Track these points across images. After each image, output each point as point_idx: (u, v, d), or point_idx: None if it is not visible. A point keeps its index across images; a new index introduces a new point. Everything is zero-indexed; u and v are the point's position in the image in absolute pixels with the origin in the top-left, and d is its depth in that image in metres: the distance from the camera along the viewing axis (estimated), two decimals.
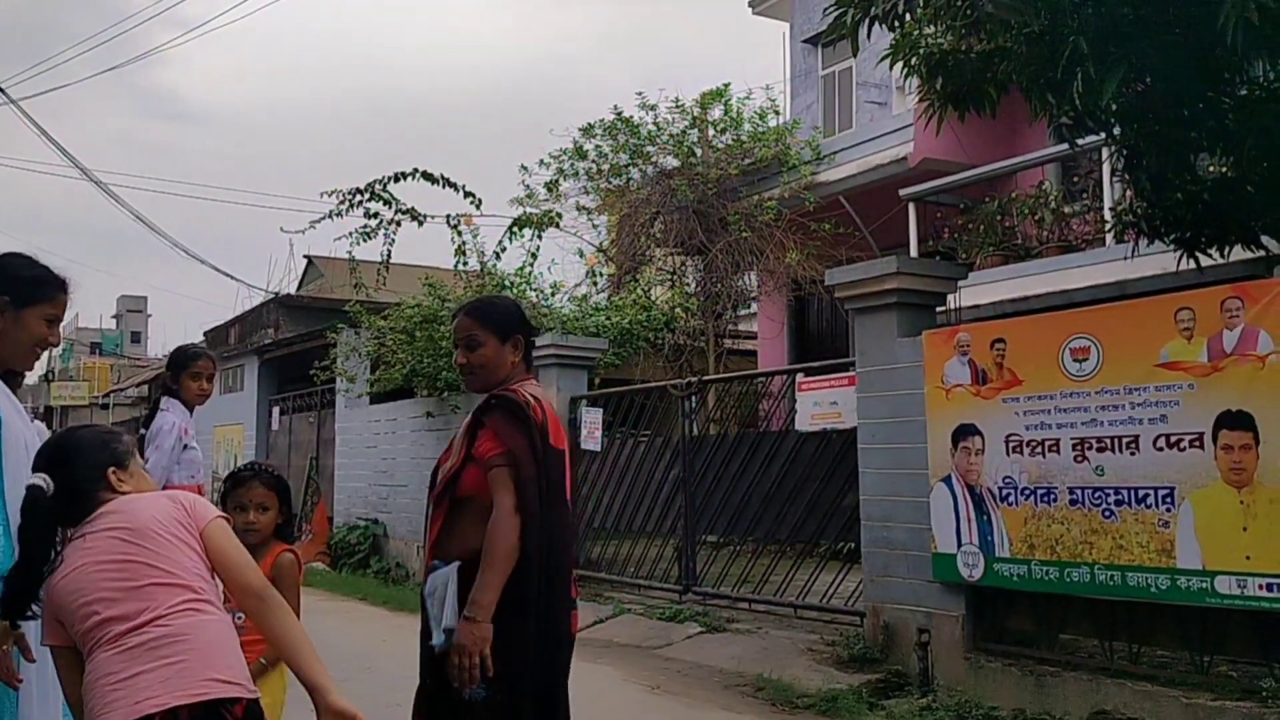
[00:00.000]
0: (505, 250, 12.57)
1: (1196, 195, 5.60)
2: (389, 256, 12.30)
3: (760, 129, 13.87)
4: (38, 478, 2.37)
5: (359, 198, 12.08)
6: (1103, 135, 5.71)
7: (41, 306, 2.76)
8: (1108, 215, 9.04)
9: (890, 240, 12.39)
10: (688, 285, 14.26)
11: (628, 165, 14.22)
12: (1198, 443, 4.88)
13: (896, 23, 5.26)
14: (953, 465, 5.92)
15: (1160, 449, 5.01)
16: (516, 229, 12.62)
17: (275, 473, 3.66)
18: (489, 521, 2.95)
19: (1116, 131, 5.60)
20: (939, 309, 6.78)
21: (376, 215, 12.18)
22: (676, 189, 13.31)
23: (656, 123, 14.00)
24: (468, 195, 12.14)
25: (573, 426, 9.89)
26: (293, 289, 21.90)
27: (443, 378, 11.42)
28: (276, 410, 18.11)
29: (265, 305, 19.05)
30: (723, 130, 14.01)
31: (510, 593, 2.93)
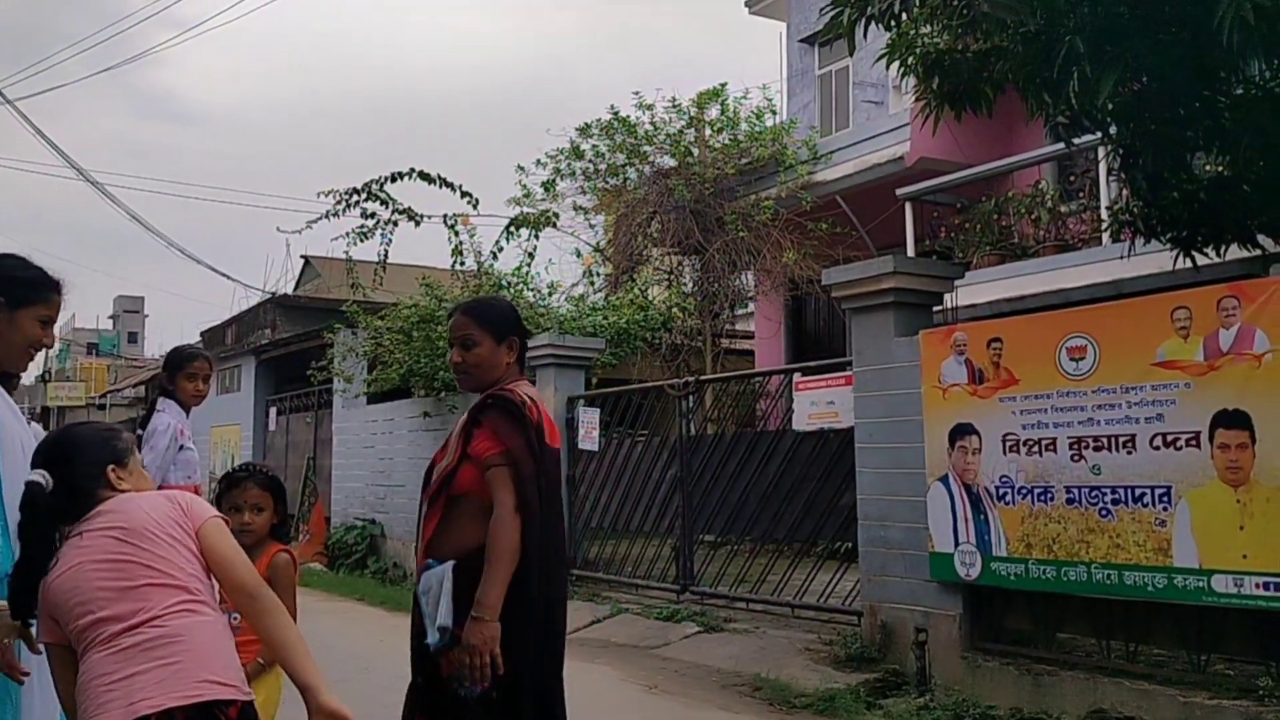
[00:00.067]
0: (502, 250, 12.60)
1: (1193, 194, 5.60)
2: (386, 256, 12.31)
3: (757, 129, 13.87)
4: (37, 474, 2.36)
5: (356, 198, 12.08)
6: (1099, 134, 5.71)
7: (35, 308, 2.76)
8: (1104, 214, 9.06)
9: (887, 240, 12.40)
10: (685, 285, 14.26)
11: (624, 165, 14.22)
12: (1194, 442, 4.88)
13: (893, 22, 5.27)
14: (950, 464, 5.92)
15: (1157, 448, 5.02)
16: (513, 229, 12.63)
17: (270, 473, 3.66)
18: (491, 520, 2.96)
19: (1113, 131, 5.60)
20: (936, 308, 6.78)
21: (373, 215, 12.21)
22: (673, 189, 13.31)
23: (653, 122, 14.00)
24: (464, 195, 12.15)
25: (570, 426, 9.89)
26: (290, 289, 21.90)
27: (440, 378, 11.42)
28: (273, 411, 18.10)
29: (262, 305, 19.04)
30: (719, 130, 14.00)
31: (511, 591, 2.94)
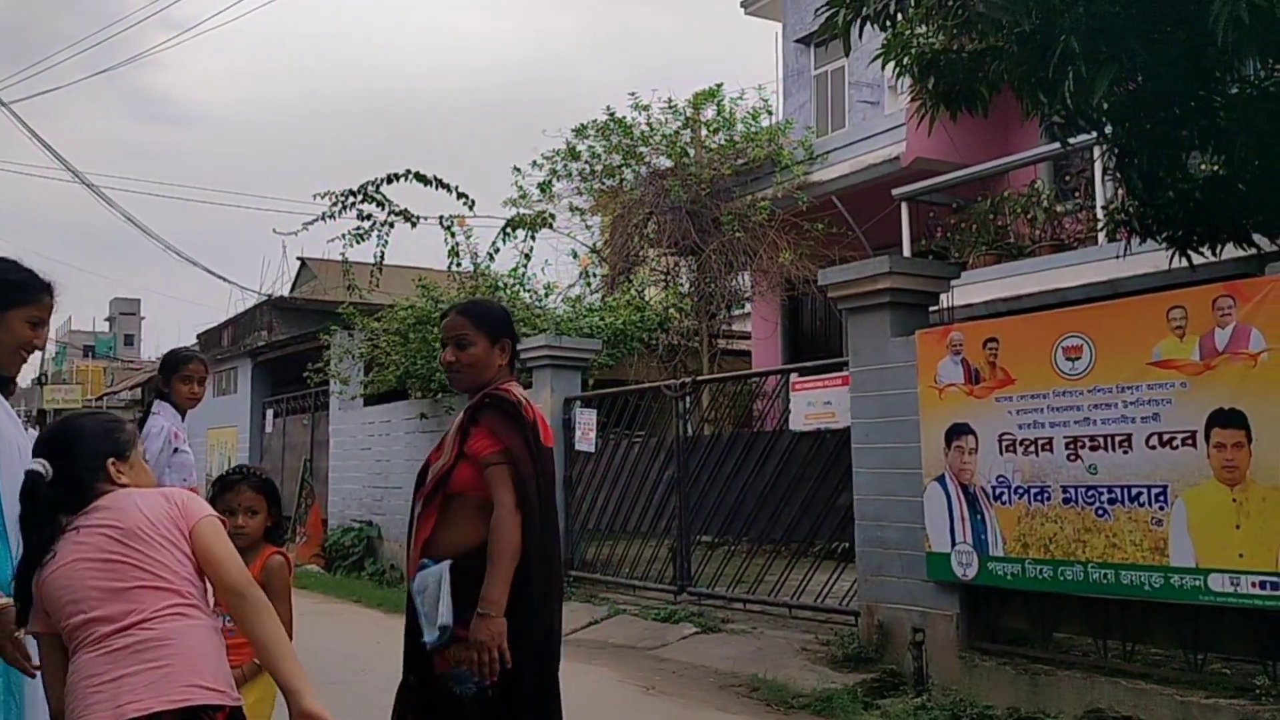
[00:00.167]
0: (499, 251, 12.60)
1: (1188, 194, 5.60)
2: (382, 258, 12.30)
3: (753, 129, 13.87)
4: (37, 463, 2.36)
5: (352, 199, 12.08)
6: (1094, 134, 5.72)
7: (25, 309, 2.75)
8: (1100, 214, 9.07)
9: (883, 240, 12.40)
10: (681, 286, 14.26)
11: (621, 166, 14.22)
12: (1190, 441, 4.89)
13: (888, 22, 5.27)
14: (946, 464, 5.92)
15: (1153, 447, 5.02)
16: (510, 230, 12.63)
17: (263, 476, 3.65)
18: (493, 518, 2.97)
19: (1108, 130, 5.60)
20: (932, 308, 6.78)
21: (370, 217, 12.20)
22: (670, 189, 13.31)
23: (649, 123, 14.00)
24: (461, 196, 12.15)
25: (567, 427, 9.89)
26: (286, 291, 21.86)
27: (436, 379, 11.41)
28: (270, 412, 18.09)
29: (258, 307, 19.03)
30: (715, 131, 14.00)
31: (511, 590, 2.96)
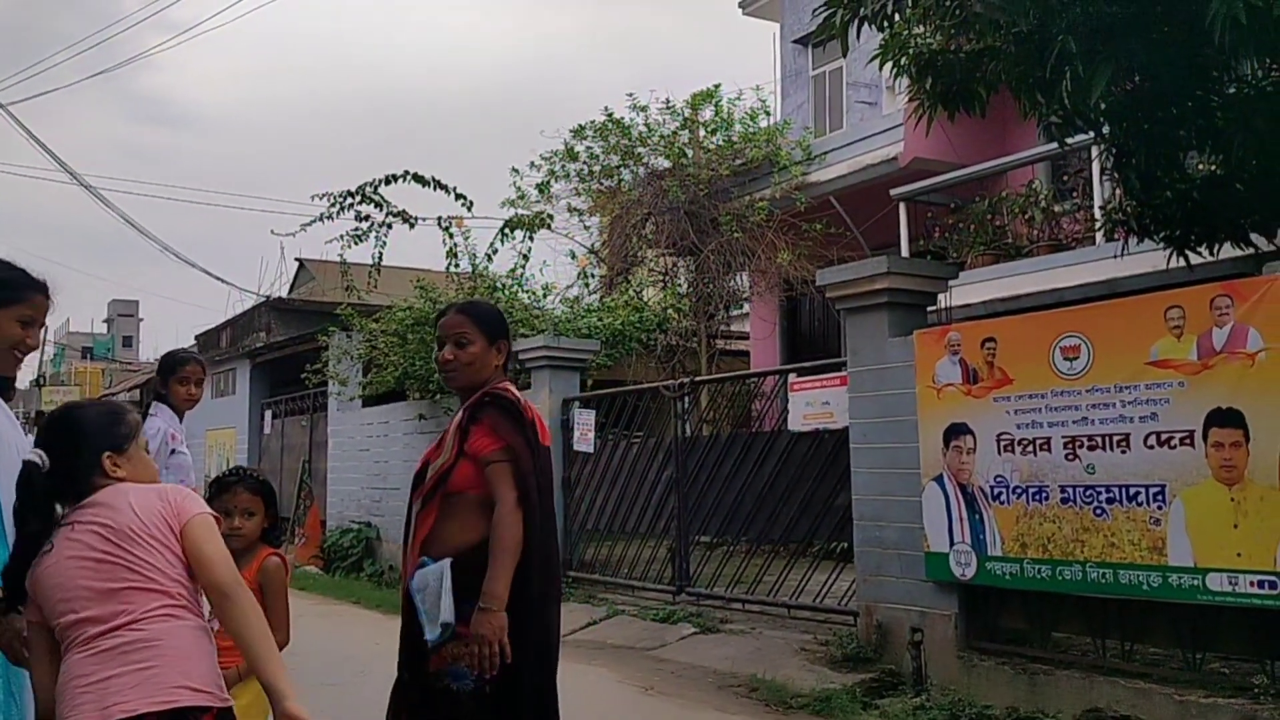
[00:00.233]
0: (497, 252, 12.59)
1: (1186, 193, 5.60)
2: (380, 259, 12.30)
3: (751, 130, 13.86)
4: (34, 453, 2.37)
5: (350, 200, 12.07)
6: (1092, 134, 5.71)
7: (16, 308, 2.74)
8: (1097, 214, 9.07)
9: (881, 240, 12.41)
10: (679, 286, 14.26)
11: (619, 166, 14.21)
12: (1188, 440, 4.89)
13: (886, 23, 5.26)
14: (944, 464, 5.92)
15: (1151, 447, 5.02)
16: (508, 231, 12.63)
17: (260, 478, 3.65)
18: (495, 515, 2.99)
19: (1105, 130, 5.60)
20: (930, 308, 6.78)
21: (368, 218, 12.19)
22: (668, 190, 13.31)
23: (647, 124, 13.99)
24: (459, 197, 12.15)
25: (565, 428, 9.89)
26: (284, 292, 21.85)
27: (435, 380, 11.40)
28: (268, 414, 18.08)
29: (257, 308, 19.01)
30: (713, 131, 14.00)
31: (511, 587, 2.97)
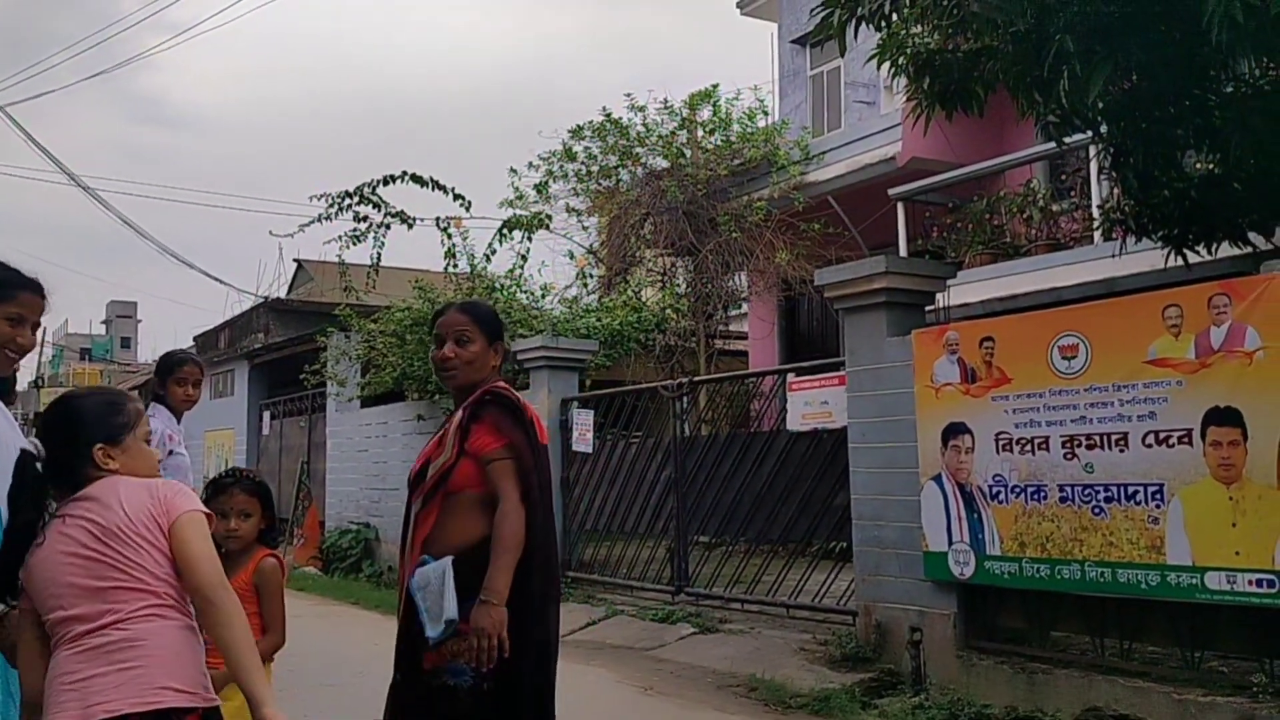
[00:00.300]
0: (495, 252, 12.60)
1: (1183, 192, 5.61)
2: (378, 260, 12.31)
3: (749, 129, 13.87)
4: (30, 442, 2.37)
5: (348, 201, 12.08)
6: (1089, 133, 5.72)
7: (3, 306, 2.71)
8: (1095, 213, 9.07)
9: (879, 240, 12.41)
10: (678, 286, 14.26)
11: (617, 167, 14.22)
12: (1186, 439, 4.89)
13: (883, 22, 5.27)
14: (943, 464, 5.93)
15: (1149, 446, 5.03)
16: (506, 231, 12.63)
17: (257, 479, 3.65)
18: (498, 511, 3.00)
19: (1103, 129, 5.61)
20: (928, 308, 6.78)
21: (366, 219, 12.20)
22: (666, 190, 13.31)
23: (645, 124, 14.00)
24: (457, 198, 12.16)
25: (564, 428, 9.89)
26: (282, 293, 21.89)
27: (433, 381, 11.40)
28: (267, 415, 18.08)
29: (255, 309, 19.03)
30: (712, 131, 14.00)
31: (512, 585, 2.98)
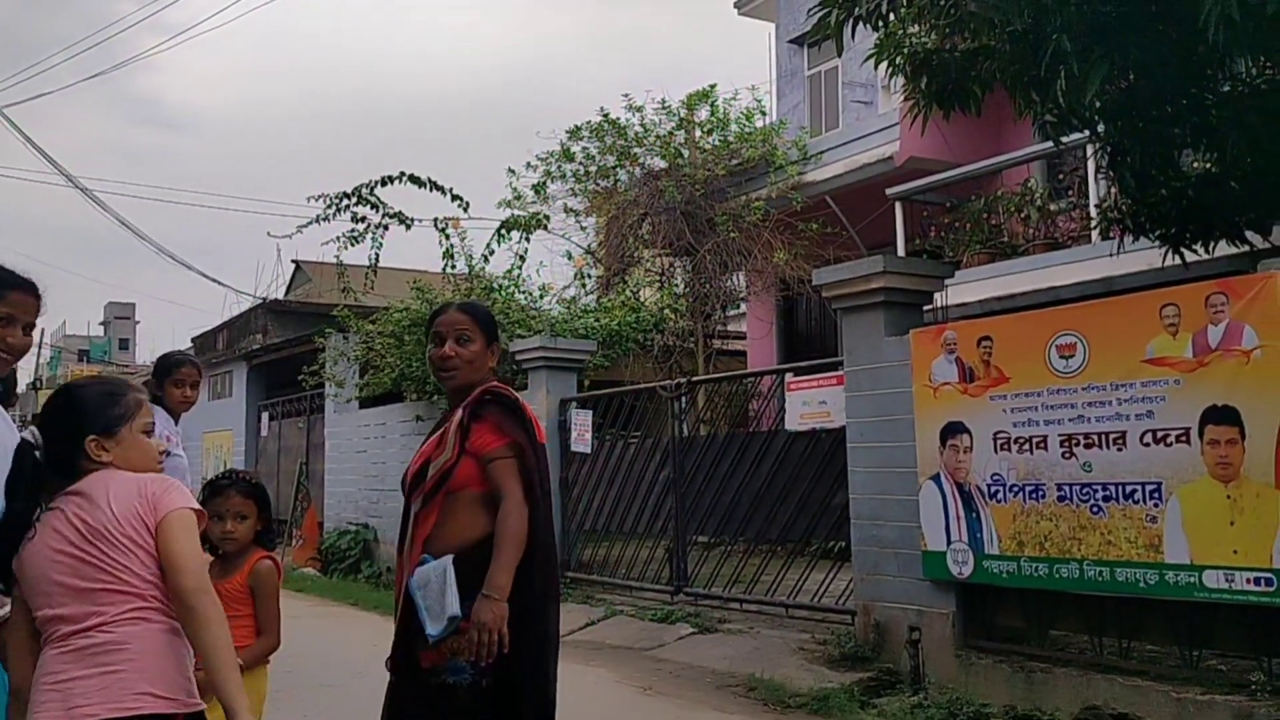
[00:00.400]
0: (493, 253, 12.60)
1: (1181, 191, 5.63)
2: (376, 260, 12.31)
3: (747, 130, 13.87)
4: (29, 431, 2.37)
5: (346, 202, 12.08)
6: (1087, 133, 5.73)
7: None
8: (1093, 212, 9.07)
9: (877, 239, 12.42)
10: (676, 286, 14.26)
11: (615, 167, 14.22)
12: (1184, 438, 4.90)
13: (880, 22, 5.28)
14: (941, 463, 5.93)
15: (1147, 444, 5.03)
16: (504, 231, 12.63)
17: (253, 481, 3.65)
18: (502, 508, 3.01)
19: (1100, 129, 5.62)
20: (926, 307, 6.79)
21: (364, 219, 12.20)
22: (664, 190, 13.31)
23: (643, 124, 14.00)
24: (455, 198, 12.16)
25: (563, 429, 9.89)
26: (281, 294, 21.90)
27: (432, 382, 11.40)
28: (265, 416, 18.07)
29: (253, 311, 19.01)
30: (709, 131, 14.01)
31: (514, 583, 2.99)
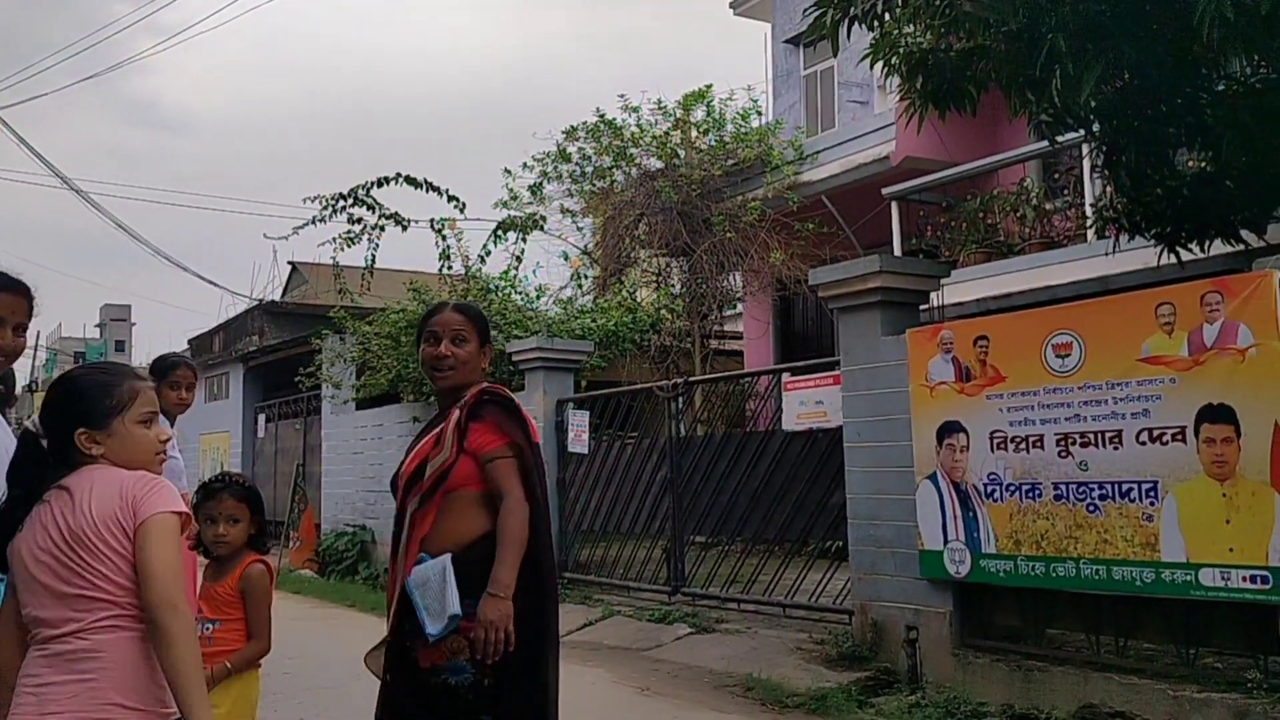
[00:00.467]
0: (490, 254, 12.60)
1: (1176, 190, 5.63)
2: (373, 261, 12.31)
3: (743, 130, 13.88)
4: (31, 420, 2.38)
5: (342, 203, 12.08)
6: (1082, 132, 5.73)
7: None
8: (1089, 211, 9.10)
9: (873, 239, 12.43)
10: (673, 286, 14.27)
11: (611, 167, 14.21)
12: (1180, 436, 4.91)
13: (876, 22, 5.28)
14: (938, 462, 5.94)
15: (1143, 443, 5.04)
16: (501, 232, 12.64)
17: (246, 484, 3.64)
18: (504, 506, 3.02)
19: (1096, 128, 5.62)
20: (922, 307, 6.80)
21: (360, 220, 12.20)
22: (660, 190, 13.31)
23: (640, 124, 14.01)
24: (451, 199, 12.16)
25: (560, 429, 9.89)
26: (277, 295, 21.86)
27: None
28: (262, 417, 18.06)
29: (250, 312, 18.99)
30: (705, 131, 14.01)
31: (516, 581, 3.00)
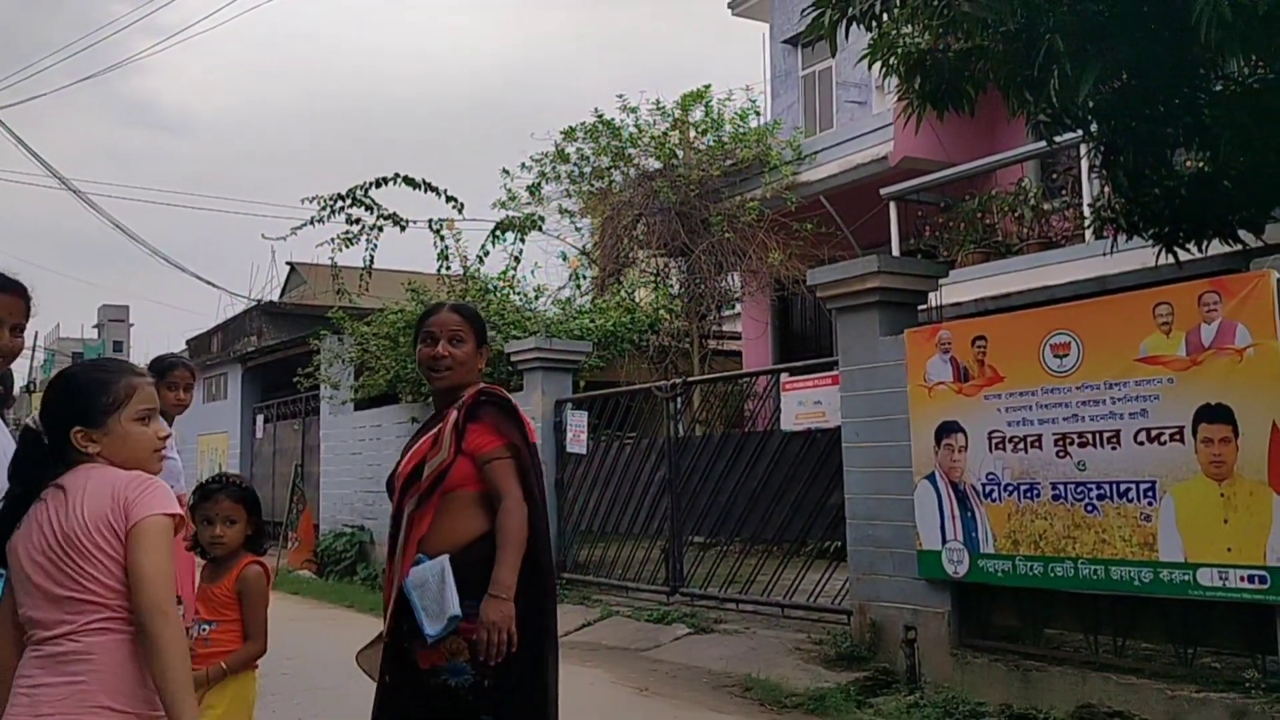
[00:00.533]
0: (488, 254, 12.60)
1: (1174, 191, 5.63)
2: (371, 262, 12.31)
3: (741, 130, 13.89)
4: (31, 418, 2.38)
5: (340, 203, 12.09)
6: (1080, 132, 5.74)
7: None
8: (1087, 211, 9.10)
9: (871, 239, 12.44)
10: (671, 287, 14.27)
11: (609, 168, 14.22)
12: (1178, 436, 4.92)
13: (874, 23, 5.28)
14: (936, 462, 5.94)
15: (1141, 443, 5.05)
16: (499, 233, 12.64)
17: (243, 485, 3.64)
18: (503, 507, 3.02)
19: (1094, 128, 5.62)
20: (920, 307, 6.80)
21: (358, 221, 12.20)
22: (659, 191, 13.31)
23: (638, 125, 14.01)
24: (449, 199, 12.16)
25: (558, 430, 9.89)
26: (275, 296, 21.86)
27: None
28: (260, 418, 18.05)
29: (248, 313, 18.98)
30: (704, 132, 14.02)
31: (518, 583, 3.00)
